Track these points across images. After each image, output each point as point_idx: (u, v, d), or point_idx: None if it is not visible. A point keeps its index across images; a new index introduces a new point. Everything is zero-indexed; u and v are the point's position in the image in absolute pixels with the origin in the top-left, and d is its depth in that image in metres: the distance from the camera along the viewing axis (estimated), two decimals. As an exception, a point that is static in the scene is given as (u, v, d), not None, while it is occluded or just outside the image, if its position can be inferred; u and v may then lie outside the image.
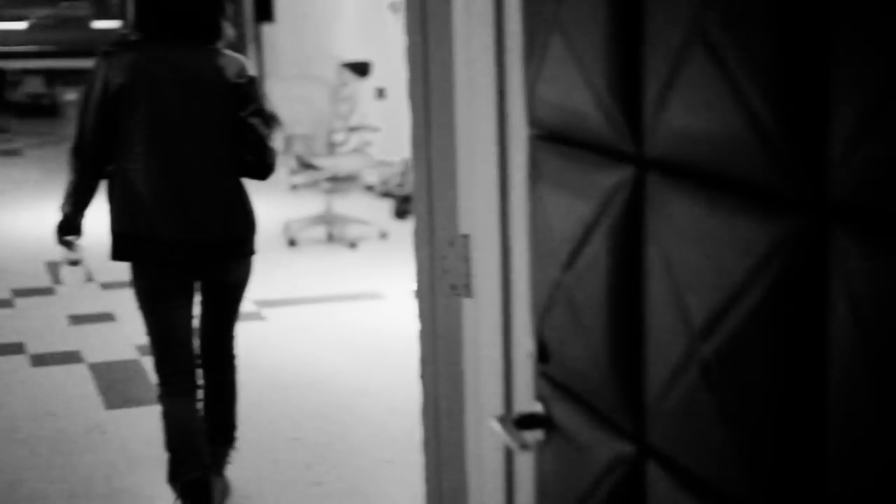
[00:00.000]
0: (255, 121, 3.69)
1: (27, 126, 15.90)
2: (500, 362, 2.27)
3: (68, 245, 3.80)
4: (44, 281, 7.36)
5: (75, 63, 17.40)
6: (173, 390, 3.77)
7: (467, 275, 2.33)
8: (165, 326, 3.73)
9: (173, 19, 3.64)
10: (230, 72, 3.67)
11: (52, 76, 17.68)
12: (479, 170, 2.26)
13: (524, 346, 2.16)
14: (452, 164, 2.37)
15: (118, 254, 3.67)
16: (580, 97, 1.60)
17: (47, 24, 19.19)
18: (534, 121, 1.79)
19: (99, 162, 3.67)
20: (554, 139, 1.75)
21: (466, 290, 2.34)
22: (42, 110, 16.87)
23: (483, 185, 2.26)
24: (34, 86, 17.68)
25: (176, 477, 3.76)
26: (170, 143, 3.60)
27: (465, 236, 2.33)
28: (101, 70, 3.61)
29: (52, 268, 7.61)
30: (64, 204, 3.72)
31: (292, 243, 8.32)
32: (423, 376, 2.56)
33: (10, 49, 18.45)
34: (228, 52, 3.74)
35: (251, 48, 16.24)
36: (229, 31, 3.74)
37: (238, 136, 3.68)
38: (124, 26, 3.74)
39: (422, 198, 2.45)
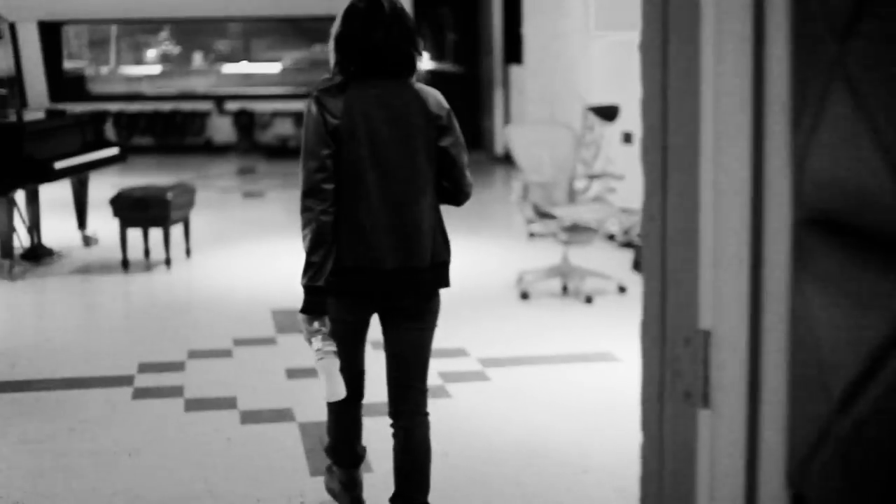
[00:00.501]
0: (453, 150, 3.87)
1: (273, 167, 16.14)
2: (742, 493, 1.81)
3: (317, 334, 3.76)
4: (267, 330, 7.19)
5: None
6: (346, 407, 4.11)
7: (705, 380, 1.88)
8: (351, 356, 3.94)
9: (375, 58, 3.78)
10: (431, 104, 3.83)
11: (301, 118, 17.99)
12: (726, 251, 1.80)
13: (773, 481, 1.69)
14: (693, 241, 1.92)
15: (339, 287, 3.79)
16: (872, 170, 1.14)
17: (300, 66, 19.54)
18: (801, 199, 1.32)
19: (330, 209, 3.74)
20: (829, 225, 1.29)
21: (703, 399, 1.89)
22: (289, 152, 17.07)
23: (730, 270, 1.80)
24: (283, 128, 17.97)
25: (332, 465, 4.30)
26: (385, 175, 3.77)
27: (705, 333, 1.87)
28: (316, 113, 3.75)
29: (277, 316, 7.45)
30: (304, 273, 3.75)
31: (525, 296, 7.93)
32: (645, 498, 2.09)
33: (262, 92, 18.87)
34: (424, 85, 3.90)
35: (498, 90, 16.03)
36: (421, 66, 3.92)
37: (438, 165, 3.87)
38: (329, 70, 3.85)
39: (653, 282, 2.00)
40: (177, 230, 9.58)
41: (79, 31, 20.09)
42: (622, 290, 8.05)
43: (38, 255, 9.17)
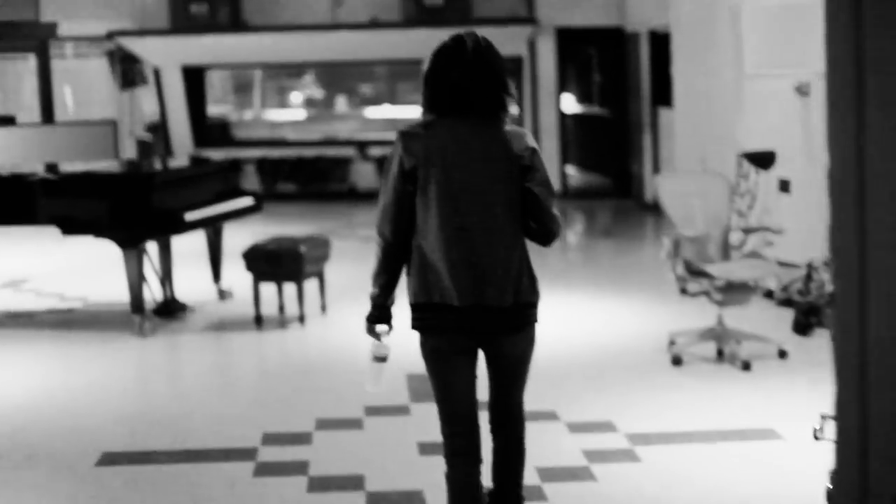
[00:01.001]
0: (538, 189, 3.89)
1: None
2: None
3: (377, 336, 4.04)
4: (401, 397, 6.78)
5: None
6: (457, 454, 3.99)
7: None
8: (448, 386, 3.96)
9: (463, 99, 3.85)
10: (515, 144, 3.87)
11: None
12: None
13: None
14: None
15: (414, 322, 3.95)
16: None
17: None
18: None
19: (400, 240, 3.90)
20: None
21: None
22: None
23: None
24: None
25: None
26: (462, 215, 3.81)
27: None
28: (397, 150, 3.87)
29: (413, 381, 7.03)
30: (372, 285, 4.00)
31: (676, 361, 7.37)
32: None
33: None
34: (512, 126, 3.93)
35: (647, 134, 15.48)
36: (513, 107, 3.94)
37: (524, 205, 3.90)
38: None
39: (848, 354, 1.49)
40: (312, 284, 9.27)
41: (222, 76, 20.17)
42: (783, 354, 7.42)
43: (170, 309, 8.95)
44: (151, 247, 9.09)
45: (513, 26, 15.99)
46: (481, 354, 4.03)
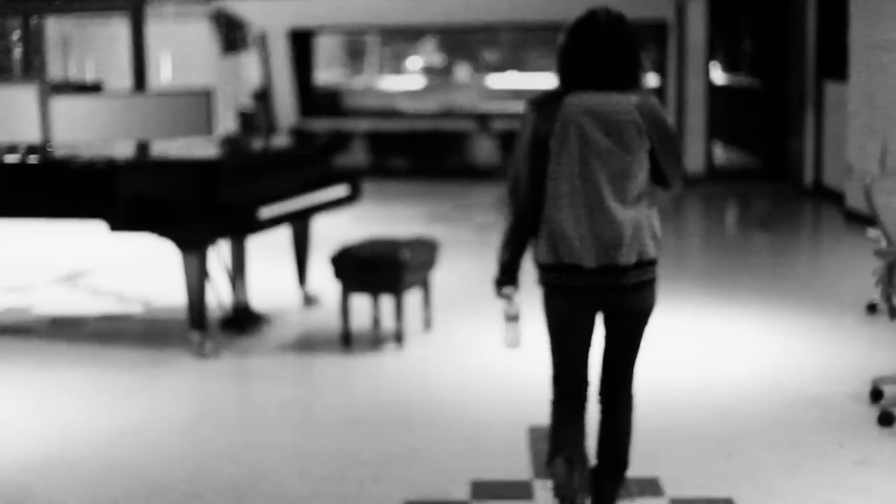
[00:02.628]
0: (666, 154, 4.00)
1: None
2: None
3: (506, 297, 4.14)
4: (519, 465, 5.09)
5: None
6: (565, 398, 4.15)
7: None
8: (565, 347, 4.11)
9: (596, 72, 3.94)
10: (646, 114, 3.95)
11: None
12: None
13: None
14: None
15: (542, 279, 4.06)
16: None
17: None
18: None
19: (532, 206, 4.02)
20: None
21: None
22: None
23: None
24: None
25: (550, 461, 4.15)
26: (592, 182, 3.92)
27: None
28: (530, 120, 3.98)
29: (535, 437, 5.36)
30: (501, 250, 4.11)
31: (886, 420, 5.53)
32: None
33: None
34: (642, 96, 3.97)
35: (809, 110, 13.50)
36: (646, 79, 4.02)
37: (652, 171, 4.02)
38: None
39: None
40: (414, 295, 7.62)
41: (334, 41, 18.60)
42: None
43: (242, 321, 7.37)
44: (223, 243, 7.51)
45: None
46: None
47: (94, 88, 15.04)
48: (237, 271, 7.42)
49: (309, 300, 7.98)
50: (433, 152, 16.06)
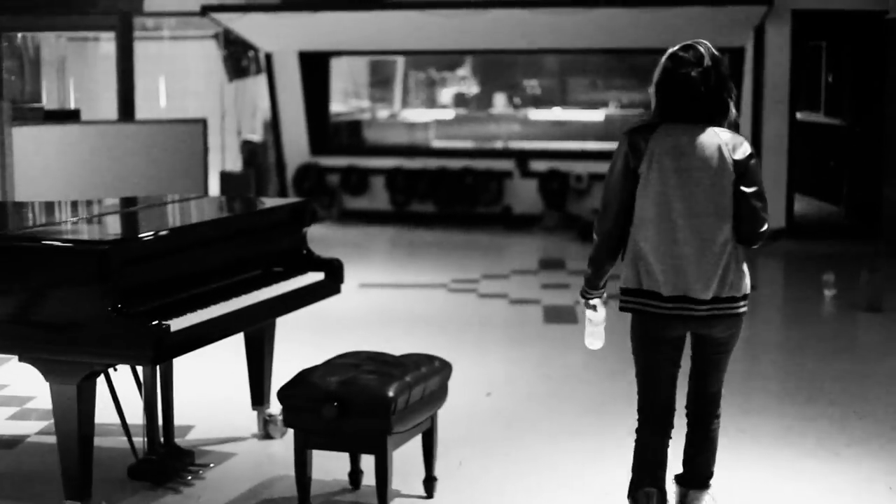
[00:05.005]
0: (750, 194, 4.12)
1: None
2: None
3: (591, 306, 4.37)
4: None
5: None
6: (647, 426, 4.28)
7: None
8: (649, 369, 4.23)
9: (691, 104, 4.10)
10: (733, 150, 4.10)
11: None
12: None
13: None
14: None
15: (624, 305, 4.22)
16: None
17: (630, 113, 15.15)
18: None
19: (617, 228, 4.19)
20: None
21: None
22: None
23: None
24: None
25: (633, 493, 4.27)
26: (676, 213, 4.09)
27: None
28: (623, 149, 4.16)
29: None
30: (588, 266, 4.30)
31: None
32: None
33: (579, 147, 14.56)
34: (730, 131, 4.14)
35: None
36: (733, 112, 4.15)
37: (736, 208, 4.12)
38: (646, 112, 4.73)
39: None
40: (414, 444, 5.28)
41: (357, 66, 16.40)
42: None
43: (163, 467, 5.07)
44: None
45: (737, 6, 11.77)
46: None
47: (68, 115, 12.89)
48: (152, 393, 5.12)
49: (268, 426, 5.68)
50: (464, 195, 13.79)
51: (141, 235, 4.82)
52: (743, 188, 4.08)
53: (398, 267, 11.01)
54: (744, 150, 4.10)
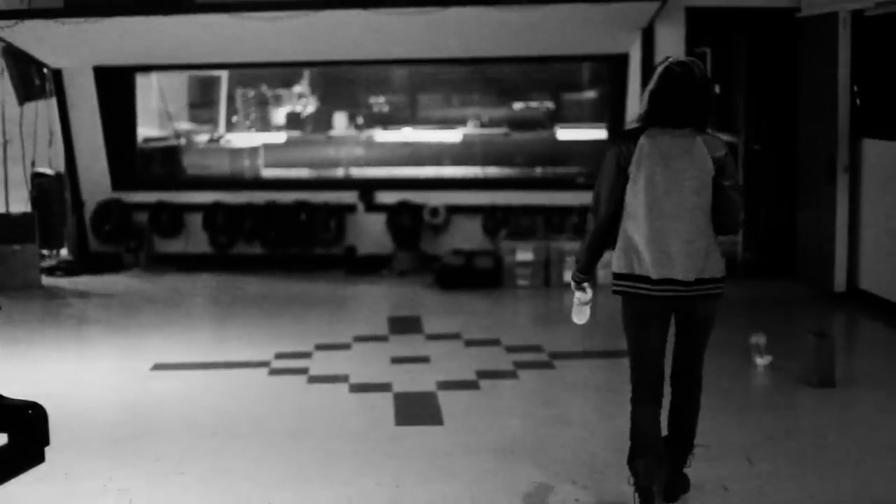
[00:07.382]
0: (728, 186, 4.65)
1: (451, 307, 9.55)
2: None
3: (581, 288, 4.90)
4: None
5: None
6: (640, 397, 4.75)
7: None
8: (640, 343, 4.73)
9: (679, 114, 4.62)
10: (710, 148, 4.62)
11: (507, 214, 11.39)
12: None
13: None
14: None
15: (617, 288, 4.73)
16: None
17: (494, 135, 13.11)
18: None
19: (608, 221, 4.72)
20: None
21: None
22: (479, 278, 10.52)
23: None
24: (469, 233, 11.39)
25: (632, 461, 4.72)
26: (662, 206, 4.60)
27: None
28: (614, 151, 4.70)
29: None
30: (579, 254, 4.85)
31: None
32: None
33: (434, 174, 12.45)
34: (709, 133, 4.67)
35: (840, 181, 9.30)
36: (710, 120, 4.67)
37: (715, 200, 4.65)
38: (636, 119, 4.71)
39: None
40: None
41: (174, 84, 14.01)
42: None
43: None
44: None
45: (622, 2, 9.77)
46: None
47: None
48: None
49: None
50: (298, 234, 11.56)
51: None
52: (722, 182, 4.63)
53: (209, 335, 8.71)
54: (720, 148, 4.65)
